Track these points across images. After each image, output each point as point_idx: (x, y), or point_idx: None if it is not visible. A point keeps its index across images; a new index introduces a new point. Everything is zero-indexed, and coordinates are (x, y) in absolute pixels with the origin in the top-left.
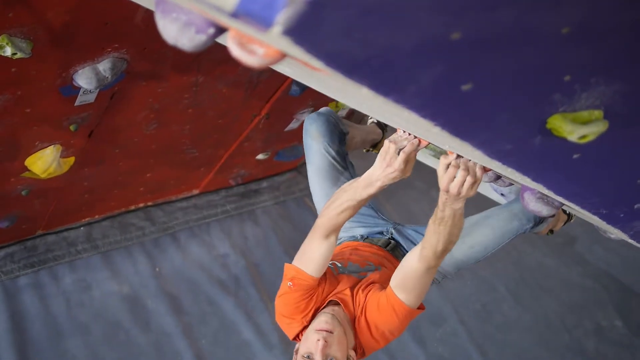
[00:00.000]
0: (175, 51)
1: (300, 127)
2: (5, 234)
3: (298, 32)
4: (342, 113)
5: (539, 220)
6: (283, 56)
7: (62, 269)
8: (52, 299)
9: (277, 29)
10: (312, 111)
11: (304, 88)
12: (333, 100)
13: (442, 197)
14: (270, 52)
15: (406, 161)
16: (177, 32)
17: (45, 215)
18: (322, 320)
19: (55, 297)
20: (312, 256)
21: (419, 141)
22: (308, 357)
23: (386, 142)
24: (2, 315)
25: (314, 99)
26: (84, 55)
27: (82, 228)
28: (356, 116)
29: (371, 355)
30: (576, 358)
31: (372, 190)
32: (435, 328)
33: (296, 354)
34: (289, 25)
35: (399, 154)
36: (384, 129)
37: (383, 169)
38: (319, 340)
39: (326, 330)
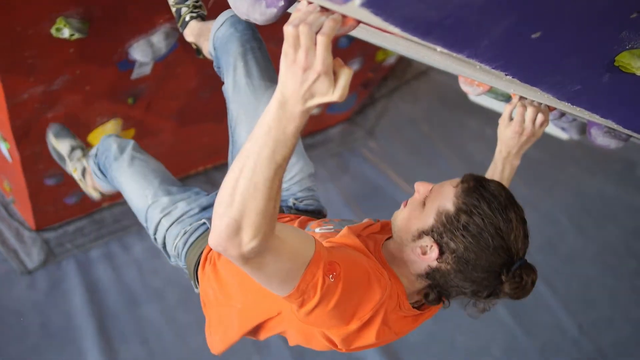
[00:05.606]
0: None
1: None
2: (73, 209)
3: (376, 3)
4: (392, 60)
5: None
6: (358, 24)
7: (132, 238)
8: (124, 268)
9: (357, 1)
10: (362, 61)
11: (352, 39)
12: (380, 48)
13: (505, 149)
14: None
15: (329, 50)
16: (248, 7)
17: None
18: None
19: (127, 266)
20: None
21: (343, 17)
22: None
23: (288, 27)
24: (79, 288)
25: (361, 49)
26: (137, 29)
27: None
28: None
29: None
30: None
31: (295, 123)
32: None
33: None
34: None
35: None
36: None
37: (298, 76)
38: None
39: None
